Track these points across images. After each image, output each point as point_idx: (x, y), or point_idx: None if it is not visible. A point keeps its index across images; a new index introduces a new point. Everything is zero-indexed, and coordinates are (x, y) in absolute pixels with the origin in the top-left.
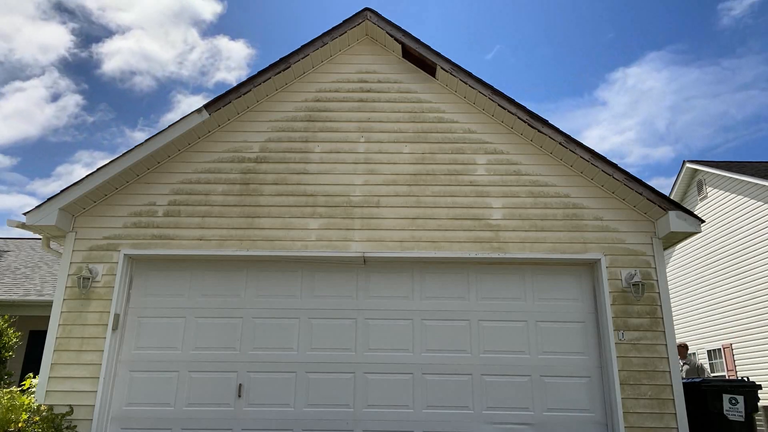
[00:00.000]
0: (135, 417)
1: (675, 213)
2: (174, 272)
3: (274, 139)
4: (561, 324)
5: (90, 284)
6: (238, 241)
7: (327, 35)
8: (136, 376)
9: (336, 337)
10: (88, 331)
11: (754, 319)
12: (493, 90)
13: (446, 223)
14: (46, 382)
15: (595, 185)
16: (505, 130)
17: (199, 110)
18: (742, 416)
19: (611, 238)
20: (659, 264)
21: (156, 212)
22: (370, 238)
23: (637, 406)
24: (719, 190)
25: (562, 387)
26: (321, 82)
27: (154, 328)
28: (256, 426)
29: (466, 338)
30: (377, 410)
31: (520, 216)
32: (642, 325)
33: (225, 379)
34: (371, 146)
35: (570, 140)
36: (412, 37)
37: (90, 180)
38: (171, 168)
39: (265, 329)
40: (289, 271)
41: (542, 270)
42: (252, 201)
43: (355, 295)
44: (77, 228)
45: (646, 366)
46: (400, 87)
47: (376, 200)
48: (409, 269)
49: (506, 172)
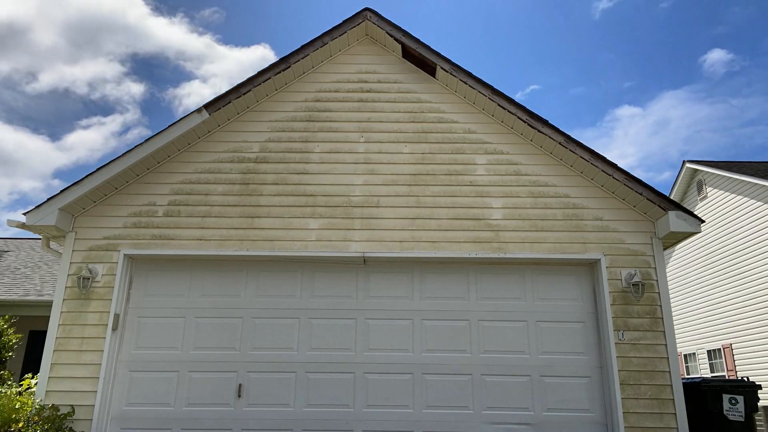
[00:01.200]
0: (135, 417)
1: (675, 213)
2: (174, 272)
3: (274, 139)
4: (561, 324)
5: (90, 284)
6: (238, 241)
7: (327, 35)
8: (136, 376)
9: (336, 337)
10: (88, 331)
11: (754, 319)
12: (493, 90)
13: (446, 223)
14: (45, 382)
15: (595, 185)
16: (505, 130)
17: (199, 110)
18: (742, 416)
19: (611, 238)
20: (659, 264)
21: (156, 212)
22: (370, 238)
23: (637, 406)
24: (719, 190)
25: (562, 387)
26: (321, 82)
27: (154, 328)
28: (256, 426)
29: (466, 338)
30: (377, 410)
31: (520, 216)
32: (642, 325)
33: (225, 379)
34: (371, 146)
35: (570, 140)
36: (412, 37)
37: (90, 180)
38: (171, 168)
39: (265, 329)
40: (289, 271)
41: (542, 270)
42: (252, 201)
43: (355, 295)
44: (77, 228)
45: (646, 366)
46: (400, 87)
47: (376, 200)
48: (409, 269)
49: (506, 172)
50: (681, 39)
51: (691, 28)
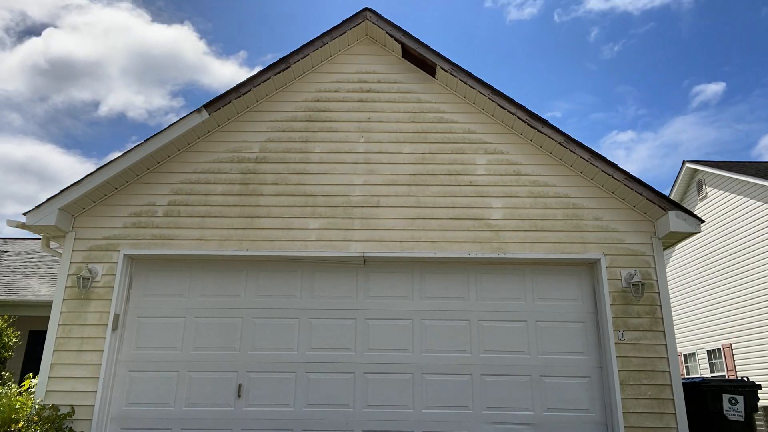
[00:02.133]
0: (135, 417)
1: (675, 213)
2: (174, 272)
3: (273, 139)
4: (561, 324)
5: (90, 284)
6: (238, 241)
7: (327, 35)
8: (135, 376)
9: (336, 337)
10: (88, 331)
11: (754, 319)
12: (493, 90)
13: (446, 223)
14: (45, 382)
15: (594, 185)
16: (505, 130)
17: (199, 110)
18: (741, 416)
19: (611, 238)
20: (659, 264)
21: (156, 212)
22: (370, 238)
23: (637, 406)
24: (719, 190)
25: (562, 387)
26: (321, 82)
27: (154, 328)
28: (256, 426)
29: (466, 338)
30: (377, 410)
31: (520, 216)
32: (642, 325)
33: (225, 379)
34: (371, 146)
35: (570, 140)
36: (412, 37)
37: (90, 180)
38: (171, 168)
39: (265, 329)
40: (289, 271)
41: (542, 270)
42: (252, 201)
43: (355, 295)
44: (77, 228)
45: (646, 366)
46: (400, 87)
47: (376, 200)
48: (409, 269)
49: (506, 172)
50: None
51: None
